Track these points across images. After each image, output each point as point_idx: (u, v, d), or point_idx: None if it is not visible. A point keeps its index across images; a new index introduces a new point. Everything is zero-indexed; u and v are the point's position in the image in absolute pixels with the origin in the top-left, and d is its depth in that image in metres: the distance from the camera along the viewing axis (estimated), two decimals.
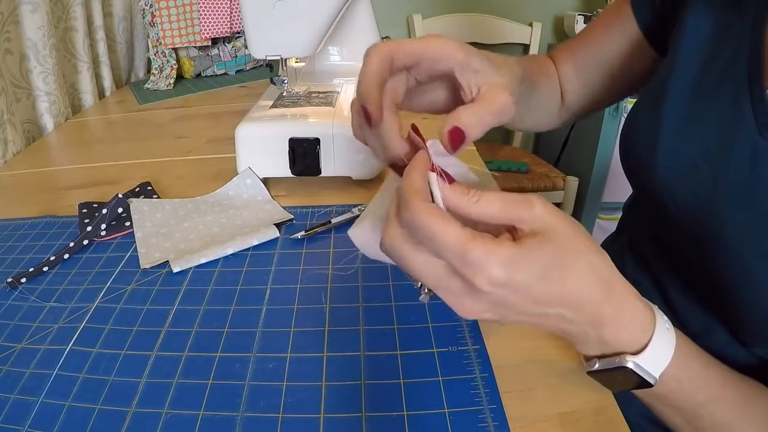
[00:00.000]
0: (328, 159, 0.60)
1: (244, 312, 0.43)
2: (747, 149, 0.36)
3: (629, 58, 0.52)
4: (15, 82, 0.86)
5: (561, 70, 0.58)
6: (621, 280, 0.29)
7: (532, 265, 0.25)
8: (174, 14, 1.14)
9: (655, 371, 0.29)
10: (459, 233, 0.25)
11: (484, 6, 1.79)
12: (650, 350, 0.29)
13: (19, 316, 0.44)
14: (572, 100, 0.58)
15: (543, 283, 0.25)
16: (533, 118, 0.58)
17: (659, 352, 0.29)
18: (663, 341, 0.29)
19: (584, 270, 0.27)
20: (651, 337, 0.29)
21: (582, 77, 0.56)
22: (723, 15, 0.39)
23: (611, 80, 0.55)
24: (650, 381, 0.29)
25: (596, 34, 0.55)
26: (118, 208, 0.57)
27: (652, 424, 0.47)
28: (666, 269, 0.48)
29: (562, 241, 0.26)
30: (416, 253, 0.27)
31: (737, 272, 0.37)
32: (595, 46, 0.55)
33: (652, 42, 0.50)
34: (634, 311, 0.29)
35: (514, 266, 0.25)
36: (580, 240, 0.27)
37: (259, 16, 0.59)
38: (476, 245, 0.24)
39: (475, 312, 0.27)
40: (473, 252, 0.24)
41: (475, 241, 0.24)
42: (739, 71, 0.37)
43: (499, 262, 0.24)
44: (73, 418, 0.34)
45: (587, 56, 0.55)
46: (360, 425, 0.33)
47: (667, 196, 0.41)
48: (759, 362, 0.40)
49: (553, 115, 0.59)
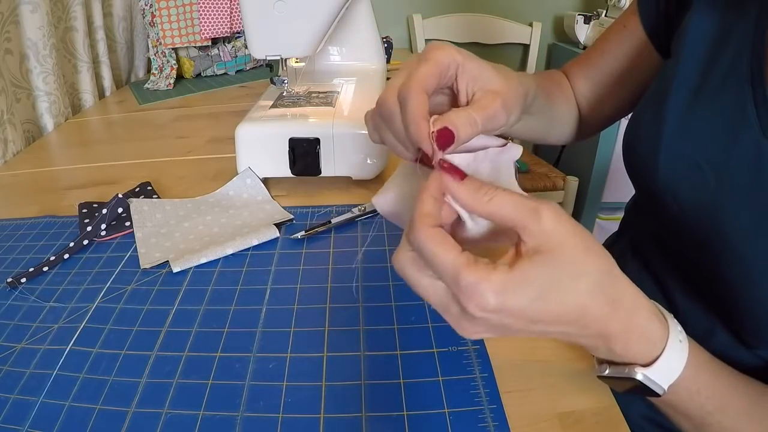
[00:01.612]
0: (328, 159, 0.60)
1: (244, 312, 0.43)
2: (750, 150, 0.35)
3: (636, 65, 0.53)
4: (15, 82, 0.86)
5: (575, 85, 0.58)
6: (632, 295, 0.28)
7: (526, 289, 0.25)
8: (174, 14, 1.14)
9: (664, 383, 0.29)
10: (455, 259, 0.25)
11: (484, 6, 1.79)
12: (660, 363, 0.29)
13: (19, 316, 0.44)
14: (587, 114, 0.58)
15: (539, 303, 0.25)
16: (556, 133, 0.58)
17: (669, 365, 0.29)
18: (674, 355, 0.29)
19: (586, 289, 0.26)
20: (662, 351, 0.29)
21: (596, 93, 0.57)
22: (726, 16, 0.39)
23: (623, 91, 0.55)
24: (658, 392, 0.29)
25: (606, 46, 0.56)
26: (118, 208, 0.57)
27: (653, 424, 0.47)
28: (668, 270, 0.48)
29: (564, 261, 0.26)
30: (421, 275, 0.28)
31: (739, 274, 0.37)
32: (607, 58, 0.55)
33: (658, 47, 0.50)
34: (646, 326, 0.28)
35: (506, 293, 0.25)
36: (588, 260, 0.26)
37: (259, 16, 0.59)
38: (469, 272, 0.25)
39: (475, 333, 0.28)
40: (466, 279, 0.25)
41: (468, 268, 0.25)
42: (742, 72, 0.37)
43: (490, 291, 0.25)
44: (73, 418, 0.34)
45: (600, 70, 0.56)
46: (360, 425, 0.33)
47: (669, 196, 0.41)
48: (762, 363, 0.40)
49: (571, 130, 0.59)
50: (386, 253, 0.50)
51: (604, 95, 0.56)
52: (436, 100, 0.37)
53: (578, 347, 0.35)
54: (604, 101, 0.57)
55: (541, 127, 0.53)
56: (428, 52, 0.34)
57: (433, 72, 0.33)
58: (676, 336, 0.29)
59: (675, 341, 0.29)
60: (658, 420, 0.46)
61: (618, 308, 0.27)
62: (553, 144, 0.59)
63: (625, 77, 0.54)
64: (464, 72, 0.34)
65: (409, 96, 0.32)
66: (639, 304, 0.29)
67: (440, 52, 0.34)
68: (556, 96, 0.55)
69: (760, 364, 0.40)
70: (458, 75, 0.34)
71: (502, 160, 0.35)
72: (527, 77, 0.40)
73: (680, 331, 0.30)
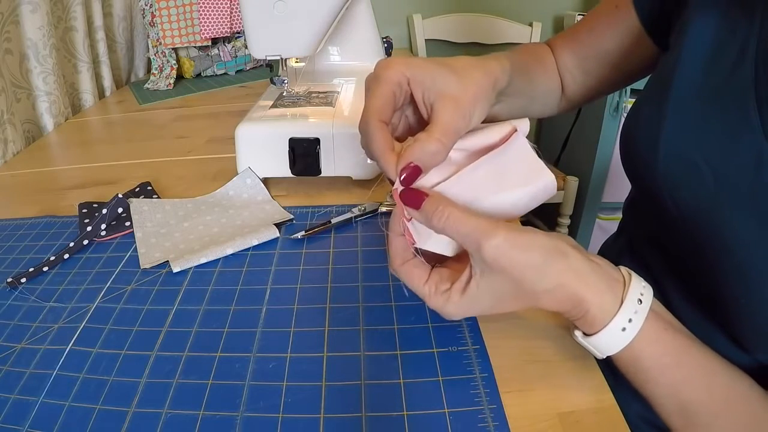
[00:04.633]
0: (328, 159, 0.60)
1: (244, 312, 0.43)
2: (751, 153, 0.35)
3: (629, 49, 0.52)
4: (15, 82, 0.86)
5: (560, 59, 0.57)
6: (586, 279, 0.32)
7: (477, 306, 0.34)
8: (174, 14, 1.14)
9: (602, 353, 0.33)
10: (420, 290, 0.35)
11: (484, 6, 1.78)
12: (597, 338, 0.33)
13: (19, 316, 0.44)
14: (572, 89, 0.58)
15: (492, 308, 0.34)
16: (537, 108, 0.58)
17: (608, 340, 0.33)
18: (609, 340, 0.32)
19: (527, 294, 0.33)
20: (600, 331, 0.32)
21: (581, 67, 0.56)
22: (729, 14, 0.38)
23: (610, 70, 0.55)
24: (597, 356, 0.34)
25: (596, 24, 0.55)
26: (118, 208, 0.57)
27: (650, 425, 0.46)
28: (666, 272, 0.47)
29: (503, 281, 0.32)
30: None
31: (737, 278, 0.36)
32: (595, 36, 0.54)
33: (652, 35, 0.50)
34: (598, 308, 0.32)
35: (463, 312, 0.34)
36: (527, 275, 0.32)
37: (259, 16, 0.59)
38: (432, 301, 0.35)
39: (455, 318, 0.35)
40: (431, 304, 0.35)
41: (431, 299, 0.35)
42: (746, 73, 0.36)
43: (451, 312, 0.34)
44: (73, 418, 0.34)
45: (587, 46, 0.55)
46: (360, 425, 0.33)
47: (666, 196, 0.41)
48: (762, 368, 0.39)
49: (554, 104, 0.59)
50: (386, 254, 0.50)
51: (591, 71, 0.56)
52: (404, 112, 0.39)
53: (578, 347, 0.35)
54: (591, 77, 0.56)
55: (521, 104, 0.52)
56: (378, 70, 0.36)
57: (387, 97, 0.35)
58: (620, 323, 0.32)
59: (617, 328, 0.32)
60: (656, 422, 0.46)
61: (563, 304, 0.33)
62: (536, 117, 0.59)
63: (615, 59, 0.53)
64: (416, 84, 0.35)
65: (368, 131, 0.35)
66: (592, 288, 0.32)
67: (388, 71, 0.36)
68: (536, 72, 0.54)
69: (760, 368, 0.39)
70: (412, 88, 0.35)
71: (506, 157, 0.35)
72: (500, 59, 0.40)
73: (631, 314, 0.32)
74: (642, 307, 0.32)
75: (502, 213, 0.35)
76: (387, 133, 0.35)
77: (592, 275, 0.32)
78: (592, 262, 0.33)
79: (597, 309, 0.32)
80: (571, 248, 0.33)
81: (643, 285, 0.33)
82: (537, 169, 0.35)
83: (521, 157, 0.35)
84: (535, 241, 0.32)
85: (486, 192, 0.35)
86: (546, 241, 0.32)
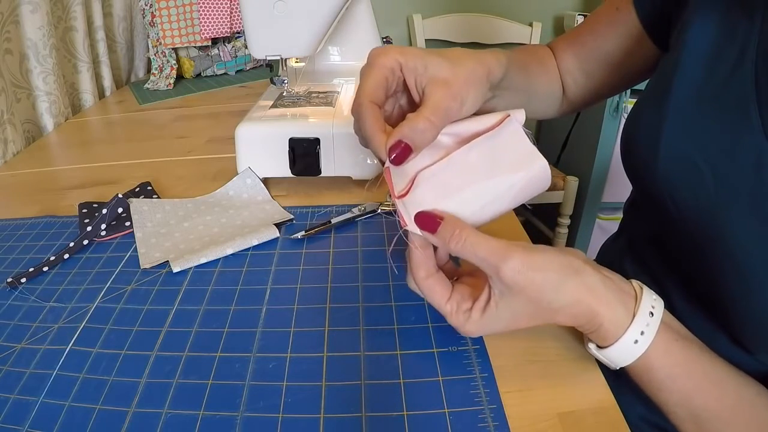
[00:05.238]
0: (328, 159, 0.60)
1: (244, 312, 0.43)
2: (752, 153, 0.35)
3: (629, 51, 0.52)
4: (15, 82, 0.86)
5: (561, 61, 0.57)
6: (600, 295, 0.33)
7: (497, 325, 0.34)
8: (174, 14, 1.14)
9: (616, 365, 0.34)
10: (443, 308, 0.35)
11: (484, 6, 1.78)
12: (610, 350, 0.33)
13: (19, 316, 0.44)
14: (573, 91, 0.58)
15: (511, 325, 0.35)
16: (537, 108, 0.57)
17: (616, 355, 0.34)
18: (622, 353, 0.33)
19: (546, 312, 0.33)
20: (613, 344, 0.33)
21: (583, 69, 0.56)
22: (729, 15, 0.38)
23: (611, 72, 0.55)
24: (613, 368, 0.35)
25: (597, 25, 0.55)
26: (118, 208, 0.57)
27: (651, 426, 0.46)
28: (666, 272, 0.47)
29: (522, 302, 0.33)
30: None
31: (737, 279, 0.36)
32: (596, 37, 0.55)
33: (652, 36, 0.50)
34: (611, 322, 0.33)
35: (483, 330, 0.35)
36: (544, 295, 0.32)
37: (259, 16, 0.59)
38: (453, 320, 0.35)
39: (474, 335, 0.37)
40: (452, 322, 0.35)
41: (452, 317, 0.35)
42: (746, 73, 0.36)
43: (471, 331, 0.35)
44: (73, 418, 0.34)
45: (588, 48, 0.55)
46: (360, 425, 0.33)
47: (666, 196, 0.41)
48: (765, 369, 0.39)
49: (554, 106, 0.59)
50: (386, 254, 0.50)
51: (592, 73, 0.56)
52: (399, 101, 0.40)
53: (578, 347, 0.35)
54: (592, 79, 0.56)
55: (519, 101, 0.51)
56: (372, 58, 0.37)
57: (379, 80, 0.35)
58: (632, 336, 0.33)
59: (629, 341, 0.33)
60: (659, 423, 0.46)
61: (594, 295, 0.33)
62: (537, 118, 0.58)
63: (616, 61, 0.54)
64: (408, 70, 0.36)
65: (360, 112, 0.35)
66: (606, 304, 0.33)
67: (382, 57, 0.36)
68: (535, 71, 0.54)
69: (763, 369, 0.39)
70: (404, 74, 0.36)
71: (499, 140, 0.35)
72: (497, 53, 0.40)
73: (642, 328, 0.33)
74: (653, 320, 0.33)
75: (495, 199, 0.35)
76: (378, 114, 0.35)
77: (605, 290, 0.33)
78: (604, 277, 0.34)
79: (610, 323, 0.33)
80: (583, 264, 0.33)
81: (654, 298, 0.34)
82: (529, 154, 0.34)
83: (515, 141, 0.35)
84: (550, 260, 0.32)
85: (477, 176, 0.35)
86: (560, 259, 0.33)
